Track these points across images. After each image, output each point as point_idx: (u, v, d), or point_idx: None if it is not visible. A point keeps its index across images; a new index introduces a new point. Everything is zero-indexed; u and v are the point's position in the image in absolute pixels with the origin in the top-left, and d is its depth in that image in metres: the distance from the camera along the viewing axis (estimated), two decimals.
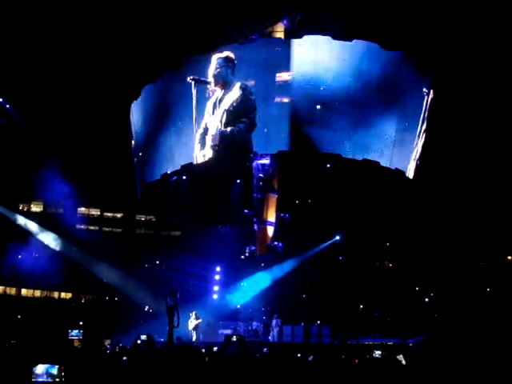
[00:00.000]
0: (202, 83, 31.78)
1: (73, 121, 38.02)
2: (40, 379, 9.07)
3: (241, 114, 31.50)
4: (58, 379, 9.05)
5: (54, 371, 9.15)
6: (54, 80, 34.83)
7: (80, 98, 36.51)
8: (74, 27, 31.70)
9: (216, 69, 32.01)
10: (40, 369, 9.16)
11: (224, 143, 31.50)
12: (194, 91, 31.55)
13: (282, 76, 31.14)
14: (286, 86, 31.16)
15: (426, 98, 31.84)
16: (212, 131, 31.86)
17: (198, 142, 32.07)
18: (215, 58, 32.22)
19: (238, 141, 32.13)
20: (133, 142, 36.16)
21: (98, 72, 34.33)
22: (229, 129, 31.38)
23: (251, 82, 31.65)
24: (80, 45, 32.54)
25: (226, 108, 31.65)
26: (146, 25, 31.56)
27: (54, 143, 37.89)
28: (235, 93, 31.58)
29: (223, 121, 31.52)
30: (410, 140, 31.56)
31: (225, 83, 31.99)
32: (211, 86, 32.10)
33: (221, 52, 32.25)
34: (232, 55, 32.04)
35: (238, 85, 31.53)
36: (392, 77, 30.47)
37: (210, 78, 32.03)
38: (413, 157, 32.10)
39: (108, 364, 9.57)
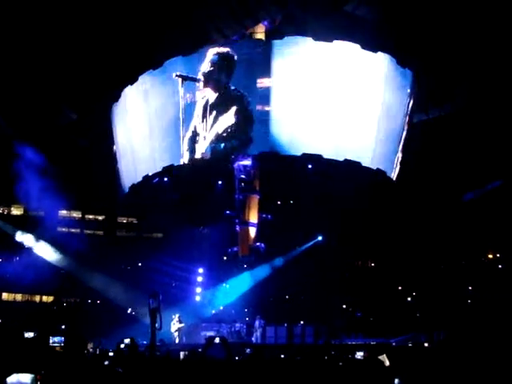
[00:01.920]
0: (189, 80, 30.43)
1: (53, 122, 37.70)
2: None
3: (236, 130, 30.10)
4: None
5: (28, 381, 8.82)
6: (34, 80, 34.50)
7: (61, 99, 36.20)
8: (50, 27, 31.35)
9: (209, 67, 30.54)
10: (13, 379, 8.79)
11: (216, 157, 30.95)
12: (180, 90, 30.47)
13: (263, 82, 29.96)
14: (267, 93, 29.82)
15: (408, 99, 31.96)
16: (202, 141, 30.62)
17: (186, 148, 30.83)
18: (211, 54, 30.76)
19: (230, 157, 31.87)
20: (114, 144, 35.94)
21: (77, 72, 34.04)
22: (222, 145, 30.29)
23: None
24: (58, 44, 32.18)
25: (220, 125, 30.04)
26: (125, 25, 31.18)
27: (35, 145, 37.53)
28: (230, 114, 29.94)
29: (215, 133, 30.28)
30: (391, 140, 31.67)
31: (217, 87, 30.53)
32: (200, 86, 30.64)
33: (219, 46, 30.69)
34: (232, 53, 30.35)
35: (234, 108, 29.79)
36: (373, 76, 30.57)
37: (200, 76, 30.57)
38: (395, 157, 32.23)
39: (89, 369, 9.44)
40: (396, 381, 10.14)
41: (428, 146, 34.33)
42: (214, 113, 30.52)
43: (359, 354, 13.52)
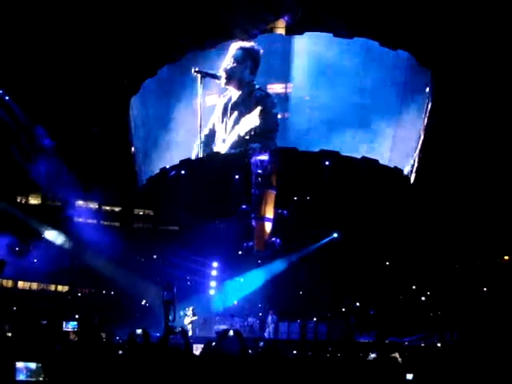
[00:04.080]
0: (209, 77, 29.20)
1: (72, 114, 37.89)
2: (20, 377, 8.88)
3: (260, 134, 29.19)
4: (40, 378, 8.89)
5: (34, 368, 8.93)
6: (52, 73, 34.66)
7: (79, 91, 36.34)
8: (71, 20, 31.47)
9: (231, 62, 29.36)
10: (21, 365, 8.92)
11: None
12: (199, 86, 29.03)
13: (274, 88, 29.38)
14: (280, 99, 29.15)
15: (426, 98, 31.71)
16: (220, 144, 30.03)
17: (200, 142, 29.86)
18: (234, 48, 29.62)
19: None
20: (132, 135, 36.04)
21: (97, 65, 34.15)
22: (240, 150, 29.70)
23: None
24: (78, 37, 32.30)
25: (243, 127, 28.98)
26: (147, 18, 31.19)
27: (53, 136, 37.74)
28: (254, 116, 28.69)
29: (236, 134, 29.46)
30: (409, 138, 31.51)
31: (240, 84, 29.60)
32: (222, 83, 29.51)
33: (242, 40, 29.63)
34: (258, 48, 29.15)
35: (258, 109, 28.67)
36: (392, 74, 30.40)
37: (221, 72, 29.52)
38: (412, 155, 32.08)
39: (104, 358, 9.51)
40: (408, 376, 10.11)
41: (446, 144, 34.13)
42: (236, 113, 29.58)
43: (372, 356, 13.46)
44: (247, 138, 29.22)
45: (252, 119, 29.20)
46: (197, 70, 29.15)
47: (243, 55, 29.46)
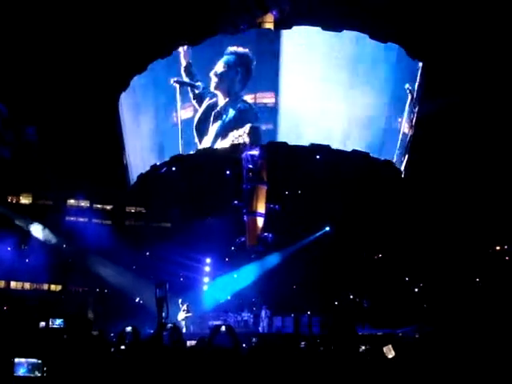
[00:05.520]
0: (187, 86, 30.16)
1: (62, 112, 37.79)
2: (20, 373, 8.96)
3: None
4: (39, 373, 8.95)
5: (34, 363, 9.02)
6: (42, 71, 34.56)
7: (69, 89, 36.26)
8: (61, 17, 31.35)
9: (223, 67, 29.59)
10: (20, 361, 9.02)
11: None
12: (178, 96, 30.39)
13: (263, 98, 29.32)
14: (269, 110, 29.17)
15: (409, 95, 31.64)
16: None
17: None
18: (228, 52, 29.65)
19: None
20: (122, 133, 35.91)
21: (86, 62, 34.05)
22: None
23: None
24: (68, 34, 32.17)
25: (230, 140, 29.57)
26: (136, 13, 31.07)
27: (43, 134, 37.63)
28: (243, 133, 29.24)
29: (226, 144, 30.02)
30: (400, 131, 31.53)
31: (228, 92, 29.77)
32: (211, 86, 29.76)
33: (238, 46, 29.52)
34: (252, 57, 29.11)
35: (248, 126, 29.15)
36: (382, 66, 30.39)
37: (212, 76, 29.75)
38: (403, 147, 32.12)
39: (96, 354, 9.50)
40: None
41: (437, 137, 34.21)
42: (219, 123, 29.96)
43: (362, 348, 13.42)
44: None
45: (241, 135, 29.56)
46: (175, 79, 30.21)
47: (235, 61, 29.53)
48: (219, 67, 29.76)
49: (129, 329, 10.01)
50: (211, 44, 30.33)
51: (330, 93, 29.56)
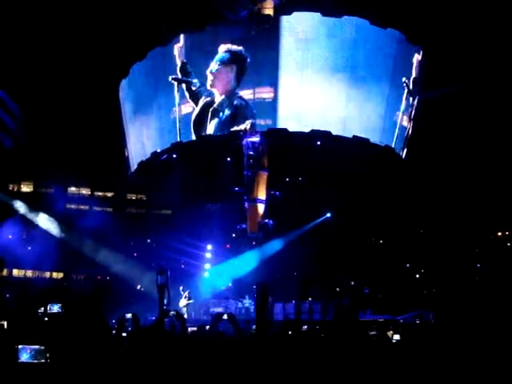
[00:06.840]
0: (184, 83, 30.20)
1: (62, 99, 37.69)
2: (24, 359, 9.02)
3: None
4: (43, 359, 9.00)
5: (37, 349, 9.09)
6: (42, 59, 34.41)
7: (69, 76, 36.13)
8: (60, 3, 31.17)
9: (218, 64, 29.68)
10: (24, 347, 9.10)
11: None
12: (176, 93, 30.47)
13: (262, 93, 29.33)
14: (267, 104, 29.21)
15: (405, 88, 31.47)
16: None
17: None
18: (222, 50, 29.63)
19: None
20: (122, 120, 35.84)
21: (86, 49, 33.90)
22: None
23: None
24: (68, 21, 32.01)
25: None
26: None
27: (44, 122, 37.55)
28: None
29: None
30: (401, 117, 31.46)
31: (224, 89, 29.82)
32: (207, 84, 29.79)
33: (232, 44, 29.32)
34: (246, 54, 29.06)
35: (248, 122, 29.28)
36: (382, 52, 30.26)
37: (208, 74, 29.79)
38: (404, 134, 32.07)
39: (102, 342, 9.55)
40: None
41: (437, 123, 34.14)
42: (216, 121, 30.11)
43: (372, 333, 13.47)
44: None
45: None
46: (173, 77, 30.23)
47: (229, 58, 29.57)
48: (214, 65, 29.77)
49: (129, 315, 10.05)
50: (205, 42, 30.40)
51: (329, 87, 29.45)
